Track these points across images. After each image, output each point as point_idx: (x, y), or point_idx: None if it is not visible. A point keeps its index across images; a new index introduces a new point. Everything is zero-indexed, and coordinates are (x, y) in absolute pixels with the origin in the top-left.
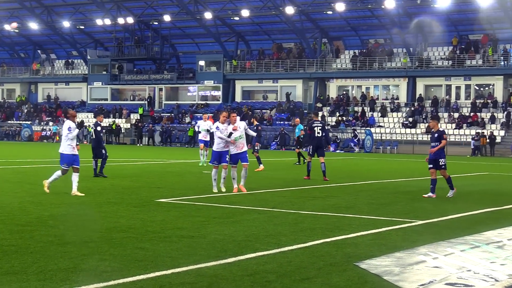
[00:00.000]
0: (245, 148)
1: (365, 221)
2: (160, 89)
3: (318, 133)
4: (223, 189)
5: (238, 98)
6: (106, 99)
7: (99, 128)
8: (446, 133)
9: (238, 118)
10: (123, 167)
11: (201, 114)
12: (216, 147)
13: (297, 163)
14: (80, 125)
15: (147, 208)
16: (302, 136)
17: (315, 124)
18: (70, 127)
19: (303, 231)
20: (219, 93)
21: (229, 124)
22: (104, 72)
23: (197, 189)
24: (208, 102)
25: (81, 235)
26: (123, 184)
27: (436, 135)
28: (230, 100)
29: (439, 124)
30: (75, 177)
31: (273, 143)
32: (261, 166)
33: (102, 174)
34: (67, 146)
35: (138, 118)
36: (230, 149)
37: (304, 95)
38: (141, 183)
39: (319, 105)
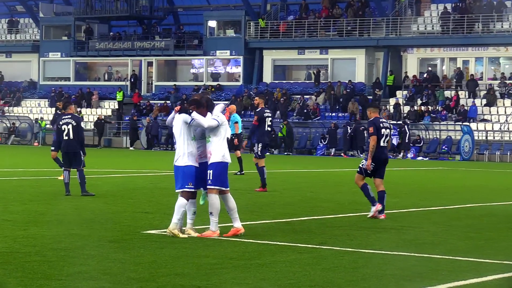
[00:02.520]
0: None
1: (462, 265)
2: (150, 64)
3: (269, 125)
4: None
5: (268, 77)
6: (68, 79)
7: (82, 124)
8: None
9: (221, 107)
10: (94, 181)
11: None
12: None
13: (239, 172)
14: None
15: (130, 244)
16: (236, 134)
17: (266, 114)
18: None
19: (366, 280)
20: (238, 70)
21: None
22: (65, 38)
23: (204, 214)
24: (222, 83)
25: (26, 286)
26: (93, 208)
27: None
28: (255, 81)
29: None
30: None
31: (320, 145)
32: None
33: (88, 193)
34: None
35: (116, 107)
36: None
37: (367, 73)
38: (121, 206)
39: (378, 92)
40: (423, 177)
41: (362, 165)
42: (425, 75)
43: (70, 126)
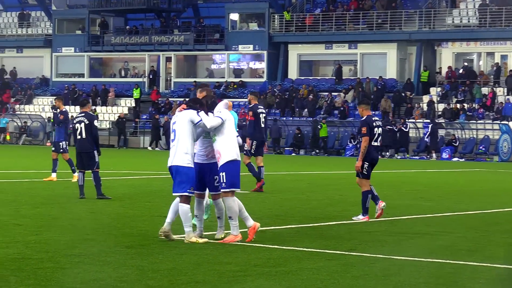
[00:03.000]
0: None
1: (501, 272)
2: (168, 59)
3: (263, 122)
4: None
5: (293, 73)
6: (82, 75)
7: (96, 123)
8: None
9: (225, 103)
10: (110, 184)
11: (238, 99)
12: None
13: None
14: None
15: (148, 250)
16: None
17: (260, 109)
18: None
19: None
20: (262, 66)
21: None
22: (79, 32)
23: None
24: (244, 79)
25: None
26: (109, 211)
27: None
28: (280, 77)
29: None
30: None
31: (350, 145)
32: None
33: (104, 196)
34: None
35: (132, 105)
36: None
37: (399, 68)
38: (138, 210)
39: (409, 94)
40: (459, 179)
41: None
42: (460, 71)
43: (82, 125)
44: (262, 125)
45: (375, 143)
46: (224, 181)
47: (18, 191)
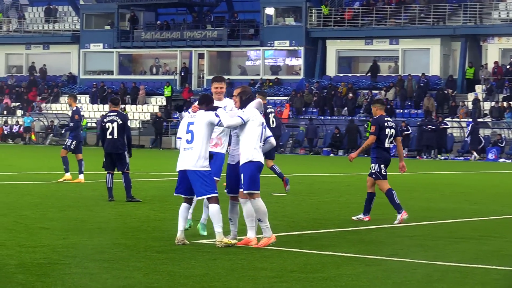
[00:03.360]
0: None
1: None
2: (201, 55)
3: (273, 122)
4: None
5: (332, 69)
6: (111, 72)
7: (129, 123)
8: None
9: (257, 102)
10: (140, 185)
11: (274, 97)
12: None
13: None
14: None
15: (179, 255)
16: None
17: (269, 109)
18: None
19: None
20: (299, 62)
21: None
22: (107, 28)
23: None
24: (280, 76)
25: None
26: (139, 214)
27: None
28: (318, 74)
29: None
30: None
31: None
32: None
33: (134, 198)
34: None
35: (164, 104)
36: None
37: (443, 65)
38: (169, 213)
39: (451, 93)
40: (506, 181)
41: (374, 169)
42: (507, 67)
43: (115, 124)
44: (272, 125)
45: (388, 144)
46: (243, 182)
47: (44, 193)
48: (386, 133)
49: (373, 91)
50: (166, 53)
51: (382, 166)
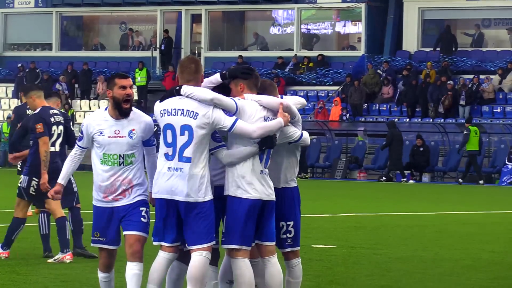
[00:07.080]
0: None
1: None
2: (196, 18)
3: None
4: None
5: (412, 41)
6: (48, 46)
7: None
8: None
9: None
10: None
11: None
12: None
13: None
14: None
15: None
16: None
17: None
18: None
19: None
20: (358, 29)
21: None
22: None
23: None
24: (327, 52)
25: None
26: (93, 278)
27: None
28: (388, 48)
29: None
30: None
31: (509, 167)
32: None
33: (85, 250)
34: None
35: (136, 98)
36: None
37: None
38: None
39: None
40: None
41: None
42: None
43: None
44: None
45: None
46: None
47: None
48: None
49: (481, 77)
50: (139, 14)
51: None
